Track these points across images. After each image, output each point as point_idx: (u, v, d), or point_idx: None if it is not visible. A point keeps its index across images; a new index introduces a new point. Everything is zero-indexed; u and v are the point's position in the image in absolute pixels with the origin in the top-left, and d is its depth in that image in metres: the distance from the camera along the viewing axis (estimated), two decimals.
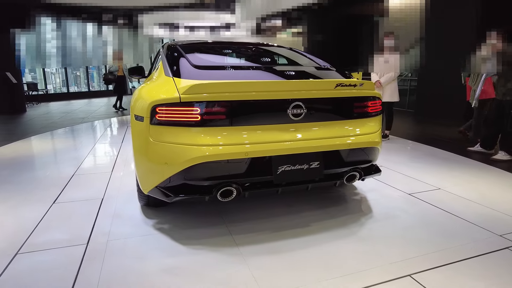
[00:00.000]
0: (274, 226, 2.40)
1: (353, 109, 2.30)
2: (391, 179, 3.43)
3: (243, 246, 2.13)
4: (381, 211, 2.67)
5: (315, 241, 2.18)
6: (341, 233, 2.30)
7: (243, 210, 2.65)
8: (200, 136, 1.97)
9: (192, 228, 2.38)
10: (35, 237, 2.28)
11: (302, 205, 2.75)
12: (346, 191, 3.10)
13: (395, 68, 5.03)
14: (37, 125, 7.35)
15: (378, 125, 2.45)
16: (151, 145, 2.05)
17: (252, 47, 3.24)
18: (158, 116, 1.99)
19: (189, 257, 2.01)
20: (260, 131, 2.06)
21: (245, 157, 1.97)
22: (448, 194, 3.02)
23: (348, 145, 2.21)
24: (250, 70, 2.52)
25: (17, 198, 2.98)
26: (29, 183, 3.36)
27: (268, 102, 2.05)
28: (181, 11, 12.70)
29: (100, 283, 1.77)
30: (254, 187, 2.13)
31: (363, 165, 2.42)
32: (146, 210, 2.67)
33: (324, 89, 2.15)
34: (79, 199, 2.93)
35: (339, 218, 2.53)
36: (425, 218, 2.54)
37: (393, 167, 3.84)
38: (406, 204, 2.80)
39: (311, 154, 2.15)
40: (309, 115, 2.14)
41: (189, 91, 1.93)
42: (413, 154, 4.48)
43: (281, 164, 2.09)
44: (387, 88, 5.12)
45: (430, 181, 3.35)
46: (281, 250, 2.08)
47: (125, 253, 2.07)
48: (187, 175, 2.02)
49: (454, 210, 2.67)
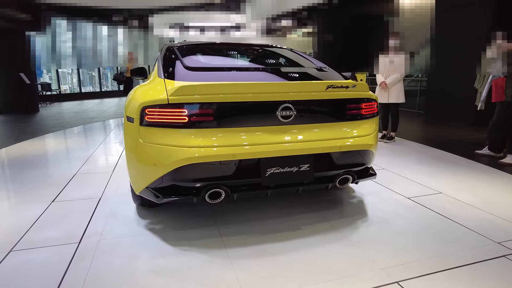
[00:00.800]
0: (265, 228, 2.38)
1: (346, 111, 2.27)
2: (392, 182, 3.36)
3: (231, 248, 2.12)
4: (377, 215, 2.62)
5: (304, 245, 2.16)
6: (332, 236, 2.27)
7: (236, 211, 2.64)
8: (188, 138, 1.97)
9: (184, 229, 2.39)
10: (31, 234, 2.33)
11: (296, 207, 2.73)
12: (343, 194, 3.06)
13: (400, 69, 4.93)
14: (48, 124, 7.54)
15: (372, 128, 2.40)
16: (140, 146, 2.07)
17: (250, 48, 3.24)
18: (147, 117, 2.00)
19: (177, 258, 2.02)
20: (248, 133, 2.05)
21: (232, 159, 1.97)
22: (449, 198, 2.94)
23: (339, 148, 2.18)
24: (243, 72, 2.51)
25: (18, 196, 3.06)
26: (32, 182, 3.44)
27: (257, 104, 2.04)
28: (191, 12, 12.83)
29: (86, 281, 1.79)
30: (242, 190, 2.12)
31: (356, 168, 2.38)
32: (141, 210, 2.70)
33: (315, 90, 2.13)
34: (77, 198, 2.99)
35: (332, 221, 2.49)
36: (422, 223, 2.48)
37: (396, 170, 3.77)
38: (403, 208, 2.74)
39: (301, 156, 2.12)
40: (299, 117, 2.12)
41: (176, 93, 1.94)
42: (419, 157, 4.39)
43: (270, 167, 2.07)
44: (393, 89, 5.03)
45: (432, 185, 3.27)
46: (269, 253, 2.07)
47: (115, 252, 2.09)
48: (175, 177, 2.02)
49: (452, 215, 2.60)
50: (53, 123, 7.72)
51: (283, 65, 2.91)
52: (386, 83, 5.01)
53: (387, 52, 5.03)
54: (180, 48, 2.82)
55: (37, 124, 7.56)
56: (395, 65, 4.96)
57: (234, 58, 3.01)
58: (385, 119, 5.36)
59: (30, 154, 4.66)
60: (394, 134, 5.31)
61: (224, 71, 2.42)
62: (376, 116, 2.48)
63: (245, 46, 3.30)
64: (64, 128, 6.96)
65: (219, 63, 2.84)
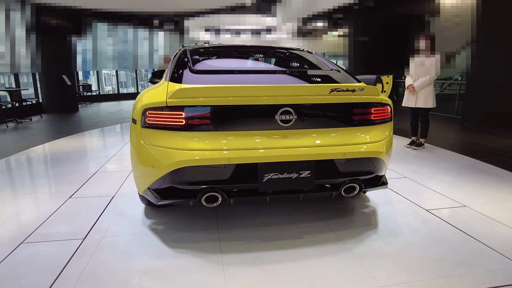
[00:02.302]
0: (266, 235, 2.32)
1: (352, 116, 2.15)
2: (412, 192, 3.15)
3: (227, 254, 2.08)
4: (387, 227, 2.45)
5: (303, 255, 2.07)
6: (334, 248, 2.15)
7: (241, 216, 2.60)
8: (184, 141, 1.97)
9: (185, 231, 2.39)
10: (43, 228, 2.45)
11: (304, 214, 2.63)
12: (357, 203, 2.91)
13: (431, 72, 4.62)
14: (84, 123, 7.99)
15: (383, 134, 2.25)
16: (142, 148, 2.10)
17: (265, 50, 3.19)
18: (148, 119, 2.03)
19: (171, 260, 2.02)
20: (245, 137, 2.00)
21: (228, 163, 1.93)
22: (473, 213, 2.70)
23: (342, 155, 2.06)
24: (250, 74, 2.47)
25: (41, 191, 3.24)
26: (57, 178, 3.64)
27: (255, 107, 1.99)
28: (223, 14, 13.04)
29: (81, 278, 1.84)
30: (239, 194, 2.08)
31: (364, 176, 2.24)
32: (149, 210, 2.74)
33: (317, 94, 2.04)
34: (93, 195, 3.11)
35: (338, 231, 2.37)
36: (436, 238, 2.29)
37: (419, 179, 3.53)
38: (419, 221, 2.55)
39: (301, 162, 2.04)
40: (300, 122, 2.04)
41: (174, 95, 1.94)
42: (448, 165, 4.08)
43: (268, 172, 2.01)
44: (421, 93, 4.73)
45: (457, 197, 3.02)
46: (264, 261, 2.01)
47: (114, 251, 2.13)
48: (174, 179, 2.03)
49: (474, 231, 2.37)
50: (89, 122, 8.17)
51: (294, 68, 2.83)
52: (414, 86, 4.73)
53: (418, 54, 4.75)
54: (193, 50, 2.84)
55: (74, 123, 8.04)
56: (425, 67, 4.67)
57: (247, 61, 2.98)
58: (414, 124, 5.06)
59: (61, 151, 4.95)
60: (424, 140, 4.99)
61: (230, 74, 2.39)
62: (388, 122, 2.33)
63: (261, 49, 3.26)
64: (97, 127, 7.34)
65: (228, 66, 2.82)
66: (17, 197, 3.10)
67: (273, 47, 3.26)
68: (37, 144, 5.44)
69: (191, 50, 2.84)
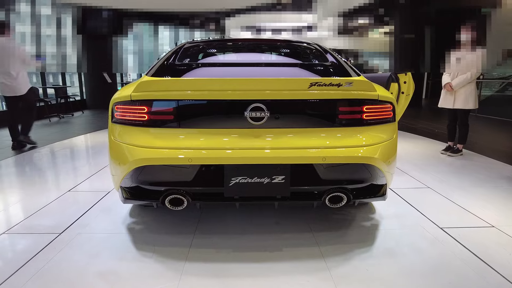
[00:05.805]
0: (242, 245, 2.11)
1: (338, 114, 1.85)
2: (430, 205, 2.72)
3: (191, 262, 1.91)
4: (386, 245, 2.11)
5: (273, 271, 1.83)
6: (312, 266, 1.88)
7: (224, 222, 2.42)
8: (146, 137, 1.84)
9: (160, 233, 2.26)
10: (30, 220, 2.48)
11: (293, 224, 2.37)
12: (359, 214, 2.57)
13: (472, 68, 4.03)
14: None
15: (378, 137, 1.92)
16: (112, 144, 2.01)
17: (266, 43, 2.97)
18: (116, 114, 1.94)
19: (131, 264, 1.90)
20: (211, 136, 1.82)
21: (189, 163, 1.76)
22: (501, 235, 2.23)
23: (322, 159, 1.78)
24: (232, 67, 2.28)
25: (46, 183, 3.34)
26: (66, 171, 3.75)
27: (222, 103, 1.80)
28: (262, 12, 12.92)
29: (36, 275, 1.79)
30: (204, 198, 1.90)
31: (354, 185, 1.94)
32: (136, 209, 2.66)
33: (294, 89, 1.78)
34: (90, 190, 3.12)
35: (324, 246, 2.08)
36: (444, 264, 1.90)
37: (444, 190, 3.06)
38: (427, 240, 2.16)
39: (274, 166, 1.80)
40: (274, 120, 1.80)
41: (138, 89, 1.82)
42: (485, 176, 3.51)
43: (235, 175, 1.80)
44: (461, 92, 4.15)
45: (485, 215, 2.54)
46: (228, 274, 1.80)
47: (83, 248, 2.07)
48: (139, 178, 1.91)
49: (494, 260, 1.94)
50: None
51: (285, 61, 2.58)
52: (452, 84, 4.16)
53: (458, 48, 4.18)
54: (189, 44, 2.71)
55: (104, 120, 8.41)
56: (466, 62, 4.08)
57: (239, 54, 2.78)
58: (451, 128, 4.47)
59: (80, 146, 5.13)
60: (462, 146, 4.38)
61: (210, 67, 2.22)
62: (389, 123, 1.99)
63: (262, 42, 3.03)
64: None
65: (215, 59, 2.64)
66: (23, 188, 3.20)
67: (276, 39, 3.02)
68: (69, 137, 5.73)
69: (190, 44, 2.72)
